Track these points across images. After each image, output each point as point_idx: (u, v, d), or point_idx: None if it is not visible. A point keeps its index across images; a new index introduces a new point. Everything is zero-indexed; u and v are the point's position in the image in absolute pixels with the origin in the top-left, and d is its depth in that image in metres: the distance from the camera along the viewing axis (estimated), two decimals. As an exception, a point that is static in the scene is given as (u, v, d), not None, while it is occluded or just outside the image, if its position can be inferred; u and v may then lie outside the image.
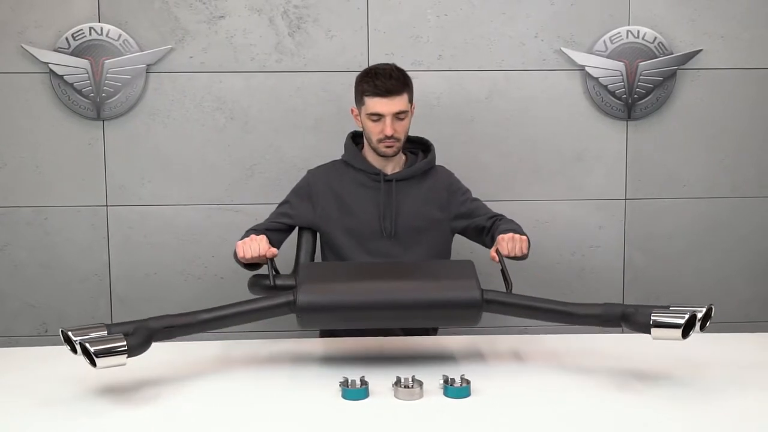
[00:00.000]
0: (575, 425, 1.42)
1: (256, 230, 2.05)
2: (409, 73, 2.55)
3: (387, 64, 2.10)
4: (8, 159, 2.55)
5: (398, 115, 2.04)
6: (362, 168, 2.13)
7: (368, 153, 2.15)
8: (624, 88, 2.58)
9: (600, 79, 2.58)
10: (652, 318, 1.54)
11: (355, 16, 2.55)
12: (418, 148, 2.23)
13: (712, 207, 2.67)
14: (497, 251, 1.91)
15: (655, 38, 2.57)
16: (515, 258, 1.93)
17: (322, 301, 1.63)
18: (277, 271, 1.85)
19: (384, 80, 2.00)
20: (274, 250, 1.86)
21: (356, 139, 2.20)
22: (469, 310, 1.64)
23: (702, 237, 2.69)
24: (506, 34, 2.58)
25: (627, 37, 2.56)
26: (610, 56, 2.57)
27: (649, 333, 1.56)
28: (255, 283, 1.87)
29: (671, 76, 2.59)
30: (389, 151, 2.07)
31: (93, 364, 1.43)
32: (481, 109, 2.61)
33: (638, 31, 2.56)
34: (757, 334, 2.05)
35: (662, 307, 1.59)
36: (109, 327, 1.57)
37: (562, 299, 2.64)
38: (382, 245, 2.09)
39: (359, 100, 2.07)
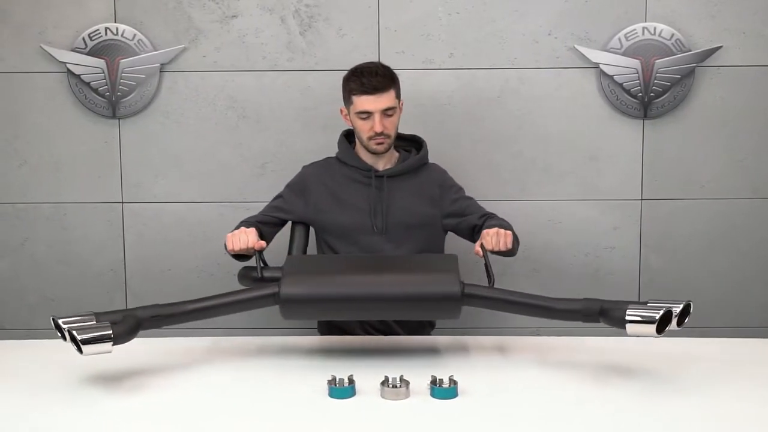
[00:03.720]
0: (562, 428, 1.40)
1: (248, 222, 2.09)
2: (419, 72, 2.57)
3: (372, 62, 2.12)
4: (28, 156, 2.62)
5: (386, 112, 2.05)
6: (354, 164, 2.15)
7: (360, 150, 2.17)
8: (640, 86, 2.53)
9: (615, 77, 2.53)
10: (627, 313, 1.54)
11: (366, 15, 2.55)
12: (411, 145, 2.24)
13: (731, 208, 2.60)
14: (482, 245, 1.89)
15: (673, 35, 2.51)
16: (501, 254, 1.93)
17: (305, 293, 1.68)
18: (265, 264, 1.87)
19: (370, 78, 2.02)
20: (262, 242, 1.89)
21: (350, 137, 2.22)
22: (448, 304, 1.65)
23: (720, 239, 2.61)
24: (518, 31, 2.55)
25: (643, 33, 2.51)
26: (626, 53, 2.51)
27: (625, 328, 1.55)
28: (244, 275, 1.91)
29: (689, 73, 2.52)
30: (380, 148, 2.09)
31: (80, 351, 1.48)
32: (493, 107, 2.58)
33: (655, 28, 2.51)
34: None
35: (640, 303, 1.58)
36: (98, 315, 1.61)
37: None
38: (373, 241, 2.10)
39: (347, 99, 2.09)
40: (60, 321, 1.56)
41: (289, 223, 2.22)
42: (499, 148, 2.60)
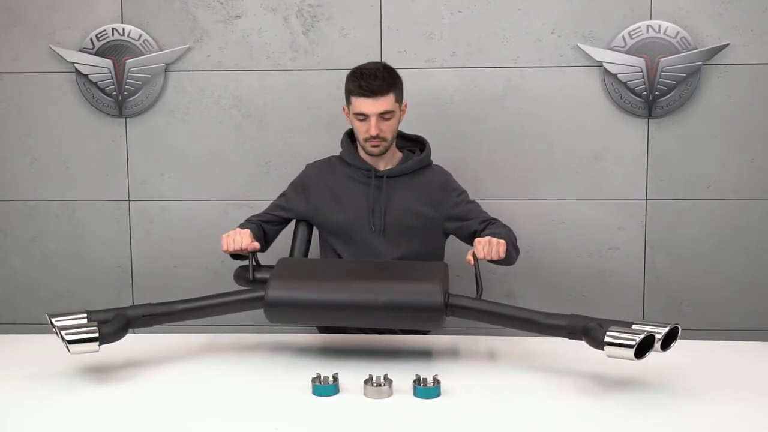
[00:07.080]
0: (543, 429, 1.39)
1: (250, 221, 2.12)
2: (422, 71, 2.57)
3: (376, 63, 2.11)
4: (38, 154, 2.68)
5: (383, 115, 2.04)
6: (355, 164, 2.16)
7: (361, 150, 2.17)
8: (644, 84, 2.50)
9: (619, 75, 2.50)
10: (606, 335, 1.49)
11: (369, 14, 2.56)
12: (415, 146, 2.23)
13: (739, 209, 2.55)
14: (473, 254, 1.85)
15: (678, 33, 2.47)
16: (497, 262, 1.89)
17: (288, 298, 1.68)
18: (258, 264, 1.89)
19: (369, 80, 2.01)
20: (255, 244, 1.91)
21: (353, 136, 2.22)
22: (431, 314, 1.64)
23: (727, 240, 2.57)
24: (522, 30, 2.53)
25: (647, 31, 2.48)
26: (630, 52, 2.48)
27: (604, 350, 1.51)
28: (239, 275, 1.92)
29: (695, 72, 2.49)
30: (375, 150, 2.08)
31: (68, 349, 1.55)
32: (496, 107, 2.57)
33: (659, 26, 2.47)
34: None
35: (625, 324, 1.54)
36: (89, 314, 1.66)
37: (581, 302, 2.63)
38: (371, 241, 2.10)
39: (347, 99, 2.09)
40: (53, 319, 1.62)
41: (293, 222, 2.24)
42: (502, 147, 2.59)
